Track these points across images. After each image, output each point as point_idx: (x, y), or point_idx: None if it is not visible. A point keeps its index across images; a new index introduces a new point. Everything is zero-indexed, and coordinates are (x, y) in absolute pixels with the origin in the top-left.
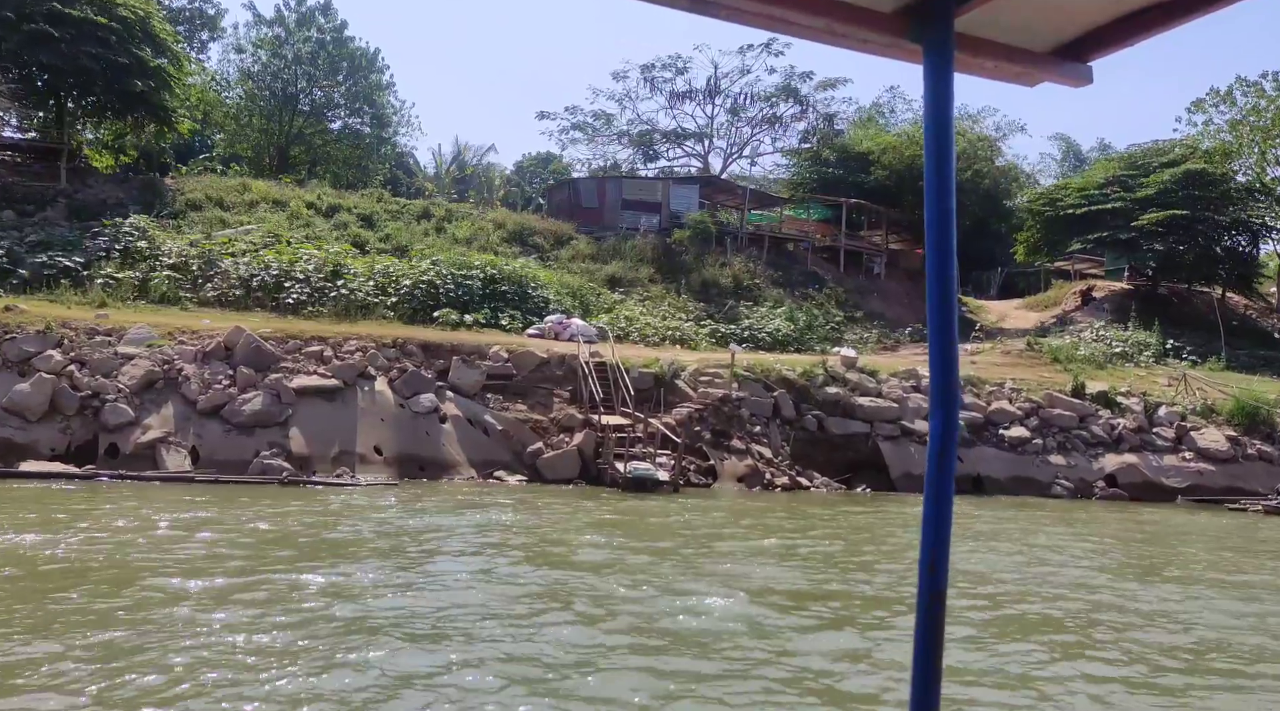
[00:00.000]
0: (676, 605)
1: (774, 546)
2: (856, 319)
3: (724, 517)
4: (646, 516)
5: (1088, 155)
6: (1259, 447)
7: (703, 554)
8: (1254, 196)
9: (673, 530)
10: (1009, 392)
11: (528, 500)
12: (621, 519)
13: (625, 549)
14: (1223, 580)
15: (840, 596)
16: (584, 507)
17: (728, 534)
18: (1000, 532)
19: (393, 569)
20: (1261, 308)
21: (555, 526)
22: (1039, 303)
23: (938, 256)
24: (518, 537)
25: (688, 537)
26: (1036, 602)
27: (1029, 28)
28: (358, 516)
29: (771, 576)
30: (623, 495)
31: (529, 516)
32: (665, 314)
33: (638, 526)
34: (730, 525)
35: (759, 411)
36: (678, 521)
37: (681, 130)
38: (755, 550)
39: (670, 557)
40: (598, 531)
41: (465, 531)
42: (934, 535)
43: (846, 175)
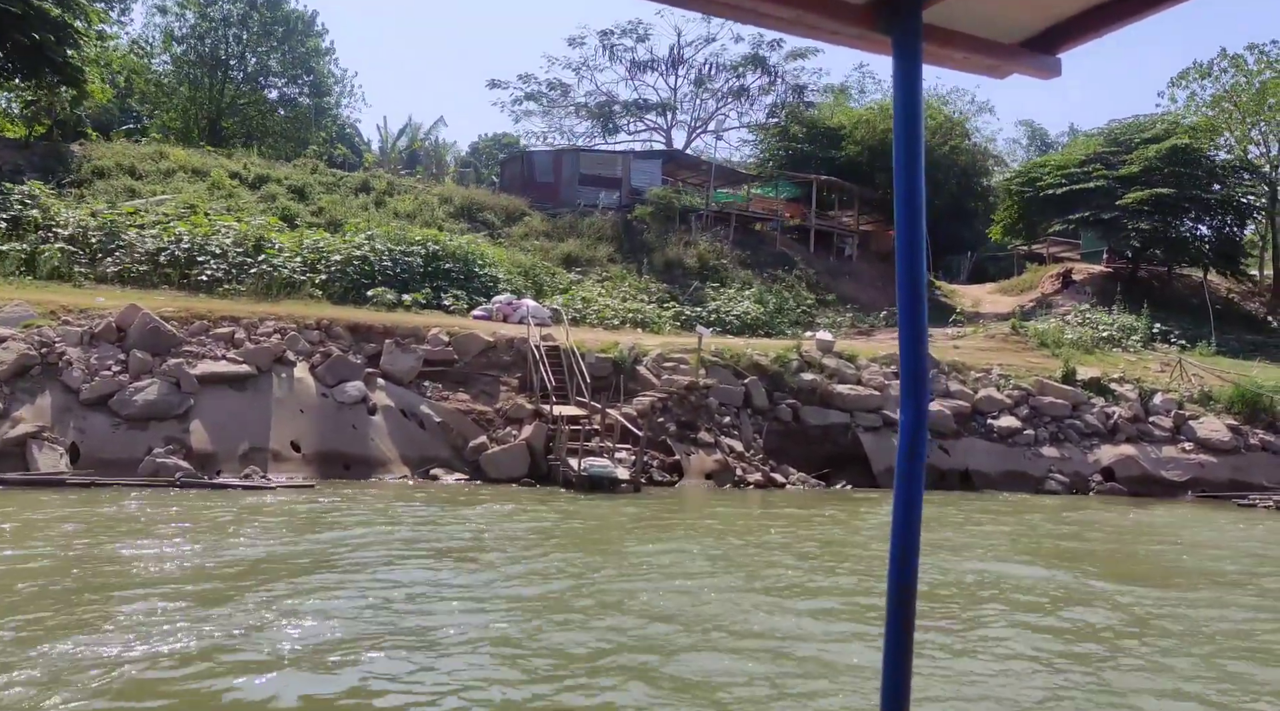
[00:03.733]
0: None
1: (747, 571)
2: (828, 302)
3: (687, 526)
4: (599, 521)
5: (1055, 141)
6: (1261, 437)
7: (665, 585)
8: (1239, 174)
9: (625, 539)
10: (996, 379)
11: (465, 502)
12: (570, 525)
13: (566, 573)
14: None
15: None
16: (527, 513)
17: (693, 560)
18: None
19: (258, 605)
20: (1244, 291)
21: (491, 537)
22: (1014, 287)
23: (907, 245)
24: (438, 551)
25: (645, 559)
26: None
27: (997, 20)
28: (254, 524)
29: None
30: (576, 495)
31: (461, 524)
32: (625, 295)
33: (586, 536)
34: (696, 538)
35: (729, 400)
36: (632, 526)
37: (643, 102)
38: (720, 573)
39: (618, 583)
40: (537, 546)
41: (380, 542)
42: (904, 527)
43: (816, 151)
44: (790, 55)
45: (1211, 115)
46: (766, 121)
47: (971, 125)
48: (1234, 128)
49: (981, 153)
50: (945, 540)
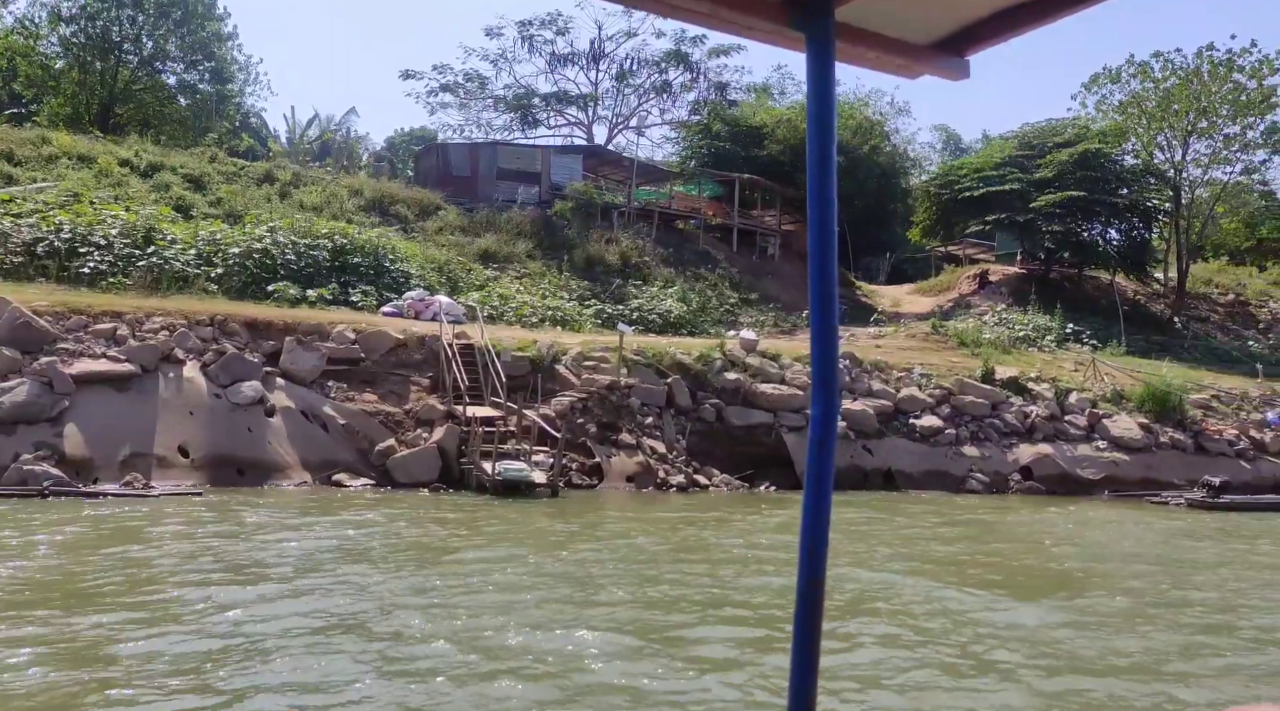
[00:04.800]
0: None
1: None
2: (751, 301)
3: (602, 536)
4: (509, 529)
5: (969, 146)
6: (1171, 436)
7: (578, 596)
8: (1145, 179)
9: (468, 548)
10: (918, 378)
11: (368, 509)
12: (474, 534)
13: (367, 590)
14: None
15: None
16: (432, 520)
17: (521, 573)
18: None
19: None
20: (1149, 293)
21: (328, 548)
22: (932, 287)
23: (819, 242)
24: (236, 566)
25: (473, 572)
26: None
27: (909, 21)
28: (125, 540)
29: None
30: (490, 500)
31: (358, 531)
32: (545, 292)
33: (440, 545)
34: (609, 545)
35: (651, 400)
36: (512, 533)
37: (563, 95)
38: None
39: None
40: (364, 560)
41: (185, 557)
42: (813, 522)
43: (739, 150)
44: (713, 52)
45: (1120, 120)
46: (689, 119)
47: (890, 127)
48: (1141, 133)
49: (900, 154)
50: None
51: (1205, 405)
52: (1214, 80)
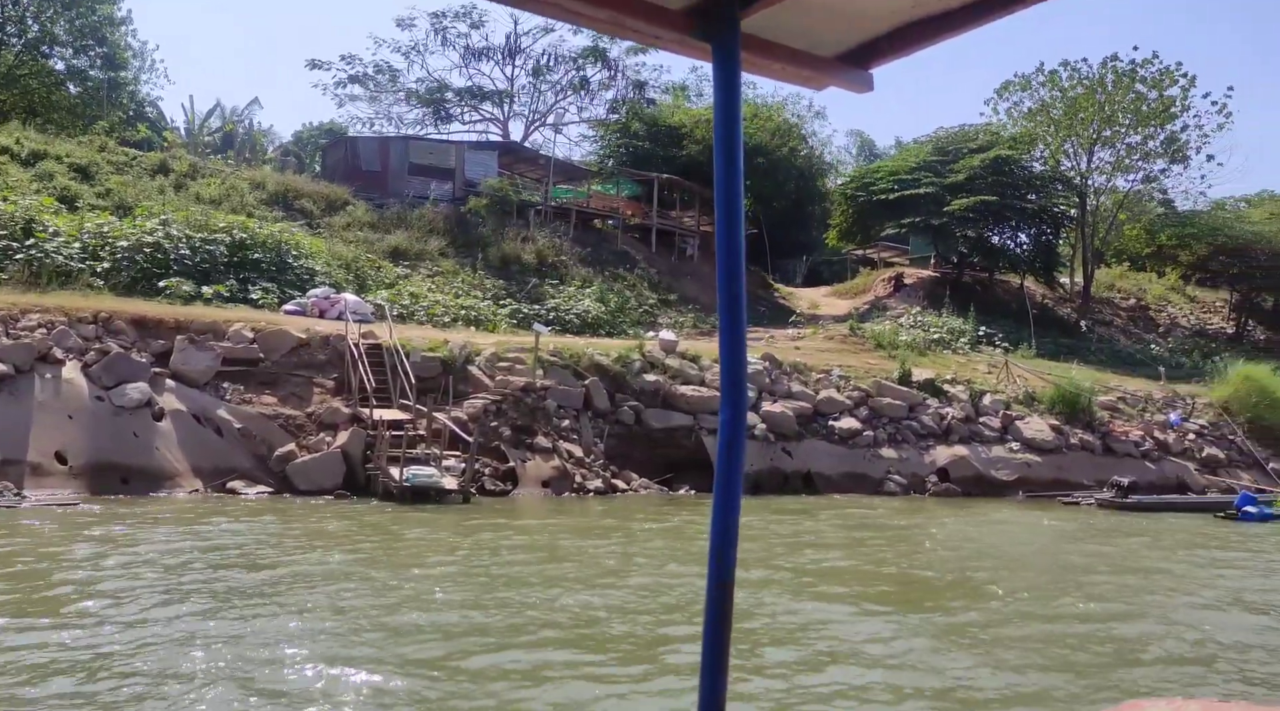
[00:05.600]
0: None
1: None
2: (670, 302)
3: (475, 548)
4: (385, 539)
5: (883, 151)
6: (1081, 437)
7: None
8: (1053, 185)
9: (393, 565)
10: (837, 380)
11: (261, 518)
12: (337, 545)
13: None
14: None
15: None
16: (309, 532)
17: (521, 573)
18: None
19: None
20: (1057, 297)
21: (206, 561)
22: (848, 290)
23: (727, 246)
24: (175, 585)
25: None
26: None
27: (813, 34)
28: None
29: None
30: (397, 508)
31: (241, 539)
32: (458, 291)
33: (269, 559)
34: (523, 554)
35: (568, 403)
36: (449, 549)
37: (478, 90)
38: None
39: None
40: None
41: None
42: (722, 525)
43: (658, 149)
44: (631, 50)
45: (1029, 127)
46: (607, 117)
47: (808, 130)
48: (1049, 140)
49: (817, 158)
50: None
51: (1112, 407)
52: (1117, 90)
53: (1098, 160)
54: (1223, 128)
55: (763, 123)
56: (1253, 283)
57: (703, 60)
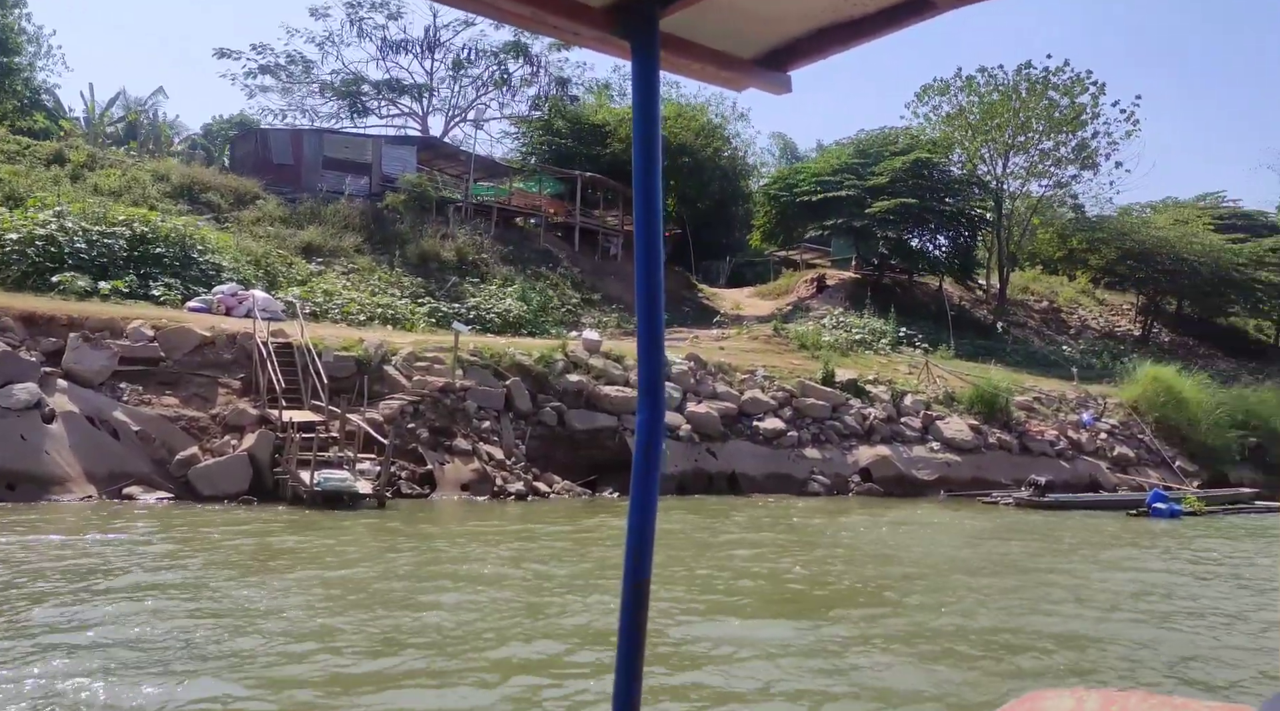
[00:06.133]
0: None
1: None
2: (594, 301)
3: (406, 550)
4: (297, 546)
5: (805, 154)
6: (999, 437)
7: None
8: (971, 188)
9: (255, 572)
10: (761, 380)
11: (153, 527)
12: (243, 556)
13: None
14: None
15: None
16: (209, 540)
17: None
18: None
19: None
20: (974, 298)
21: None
22: (771, 291)
23: (645, 246)
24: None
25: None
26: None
27: (732, 35)
28: None
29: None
30: (305, 513)
31: (106, 549)
32: (375, 289)
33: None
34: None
35: (488, 404)
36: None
37: (396, 82)
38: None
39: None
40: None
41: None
42: (639, 525)
43: (581, 148)
44: (553, 46)
45: (948, 132)
46: (529, 114)
47: (732, 131)
48: (966, 145)
49: (741, 159)
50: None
51: (1028, 407)
52: (1031, 97)
53: (1012, 165)
54: (1130, 135)
55: (687, 122)
56: (1158, 286)
57: (623, 58)
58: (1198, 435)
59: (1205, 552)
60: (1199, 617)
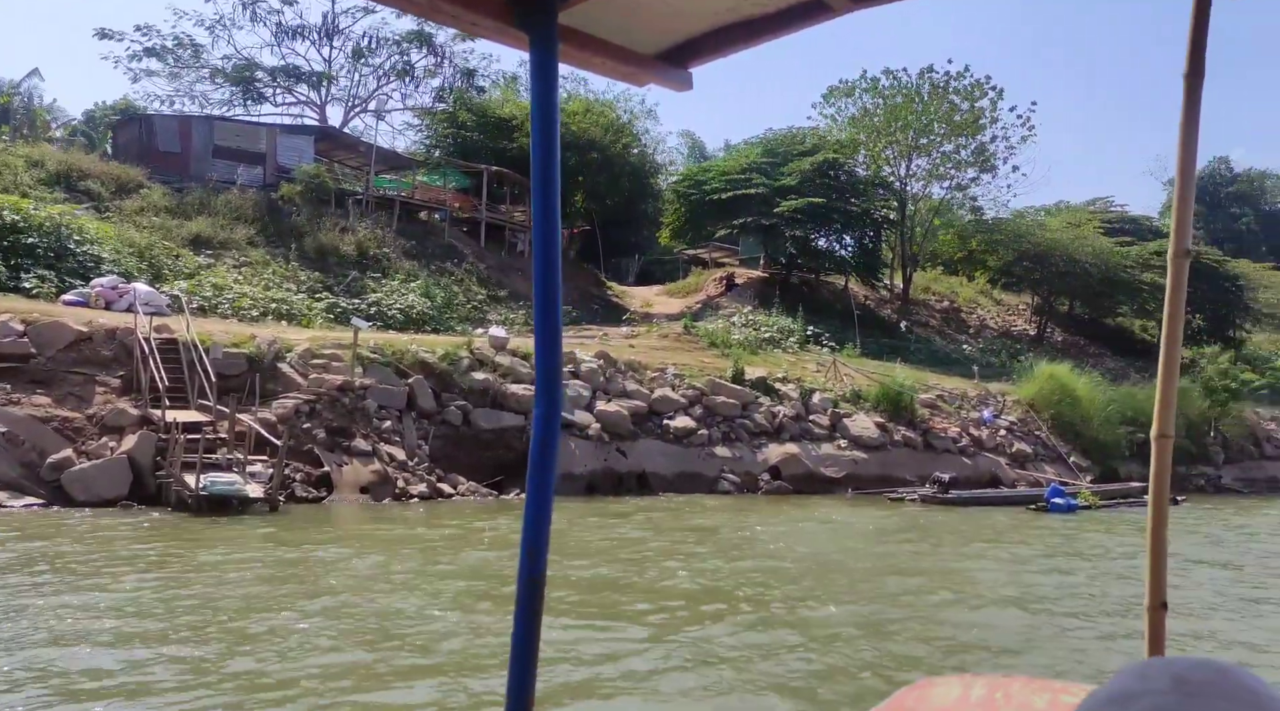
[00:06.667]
0: None
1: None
2: (501, 298)
3: (271, 560)
4: (174, 557)
5: (713, 153)
6: (904, 434)
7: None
8: (876, 190)
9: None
10: (672, 378)
11: (11, 535)
12: (87, 567)
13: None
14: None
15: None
16: (49, 555)
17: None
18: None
19: None
20: (878, 298)
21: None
22: (680, 289)
23: (543, 247)
24: None
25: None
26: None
27: (632, 31)
28: None
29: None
30: (189, 519)
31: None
32: (269, 283)
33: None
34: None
35: (389, 403)
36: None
37: (292, 69)
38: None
39: None
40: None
41: None
42: (535, 523)
43: (487, 141)
44: (458, 36)
45: (854, 133)
46: (433, 106)
47: (641, 128)
48: (870, 146)
49: (650, 157)
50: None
51: (932, 404)
52: (933, 100)
53: (915, 167)
54: (1026, 140)
55: (596, 118)
56: (1052, 287)
57: (522, 50)
58: (1090, 431)
59: (1094, 547)
60: (1081, 607)
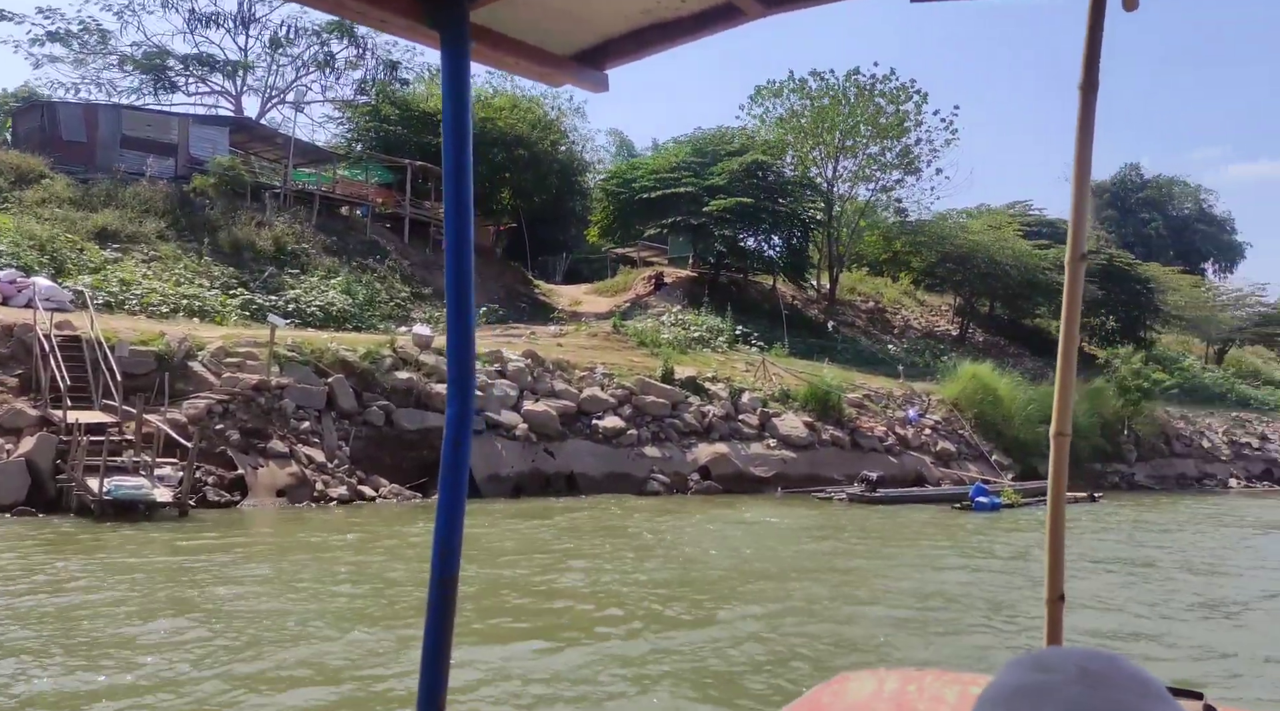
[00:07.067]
0: None
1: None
2: (425, 296)
3: (149, 569)
4: (56, 566)
5: (641, 152)
6: (832, 433)
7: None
8: (803, 191)
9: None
10: (600, 378)
11: None
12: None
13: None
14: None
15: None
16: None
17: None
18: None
19: None
20: (805, 298)
21: None
22: (608, 288)
23: (456, 237)
24: None
25: None
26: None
27: (546, 31)
28: None
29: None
30: (90, 525)
31: None
32: (180, 279)
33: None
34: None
35: (308, 403)
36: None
37: (206, 57)
38: None
39: None
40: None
41: None
42: (447, 522)
43: (412, 135)
44: None
45: (782, 134)
46: (355, 98)
47: (569, 125)
48: (798, 147)
49: (578, 155)
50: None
51: (859, 404)
52: (859, 102)
53: (842, 169)
54: (950, 143)
55: (524, 113)
56: (973, 288)
57: (434, 48)
58: (1011, 430)
59: (1011, 543)
60: (993, 601)
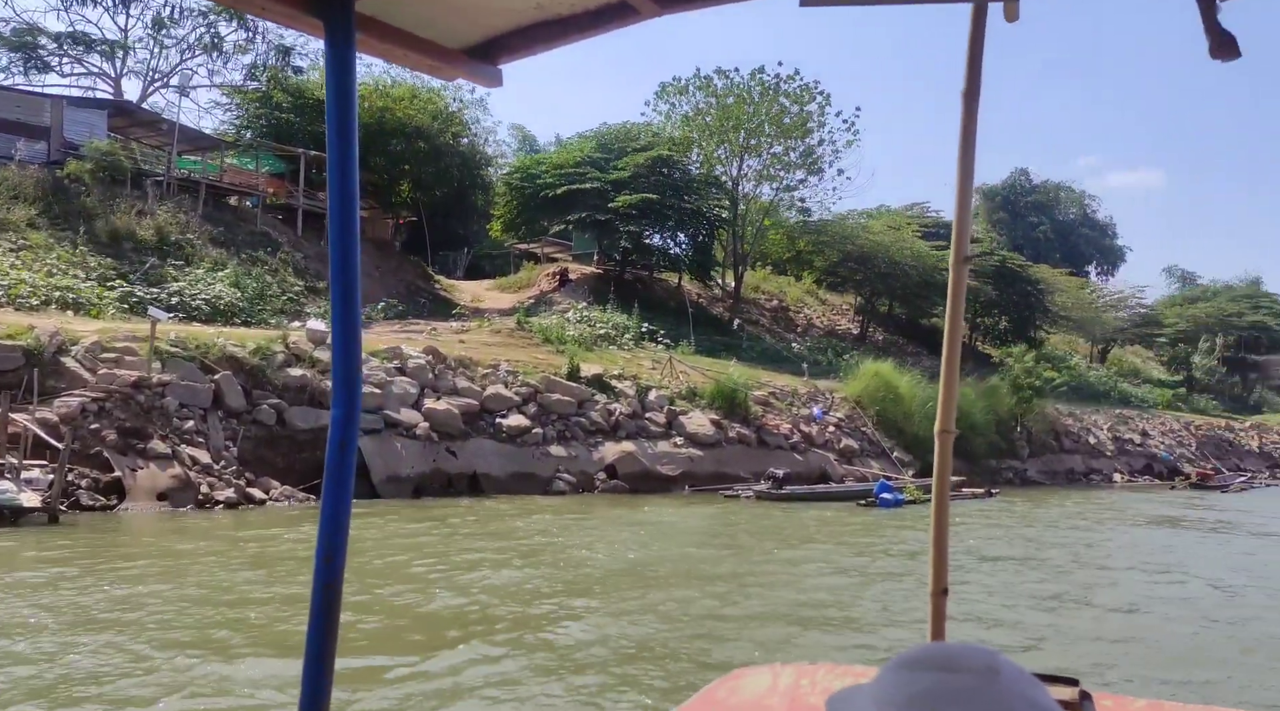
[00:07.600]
0: None
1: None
2: (319, 290)
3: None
4: None
5: (544, 147)
6: (739, 431)
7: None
8: (709, 188)
9: None
10: (504, 375)
11: None
12: None
13: None
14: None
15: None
16: None
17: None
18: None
19: None
20: (711, 296)
21: None
22: (511, 284)
23: (340, 233)
24: None
25: None
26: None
27: (435, 24)
28: None
29: None
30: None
31: None
32: (52, 269)
33: None
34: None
35: (193, 401)
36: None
37: (81, 36)
38: None
39: None
40: None
41: None
42: (332, 526)
43: (305, 123)
44: None
45: (687, 131)
46: (245, 84)
47: (471, 117)
48: (704, 145)
49: (481, 148)
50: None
51: (765, 402)
52: (764, 102)
53: (746, 167)
54: (851, 144)
55: (424, 104)
56: (874, 288)
57: (318, 37)
58: (911, 428)
59: (909, 539)
60: (886, 595)
